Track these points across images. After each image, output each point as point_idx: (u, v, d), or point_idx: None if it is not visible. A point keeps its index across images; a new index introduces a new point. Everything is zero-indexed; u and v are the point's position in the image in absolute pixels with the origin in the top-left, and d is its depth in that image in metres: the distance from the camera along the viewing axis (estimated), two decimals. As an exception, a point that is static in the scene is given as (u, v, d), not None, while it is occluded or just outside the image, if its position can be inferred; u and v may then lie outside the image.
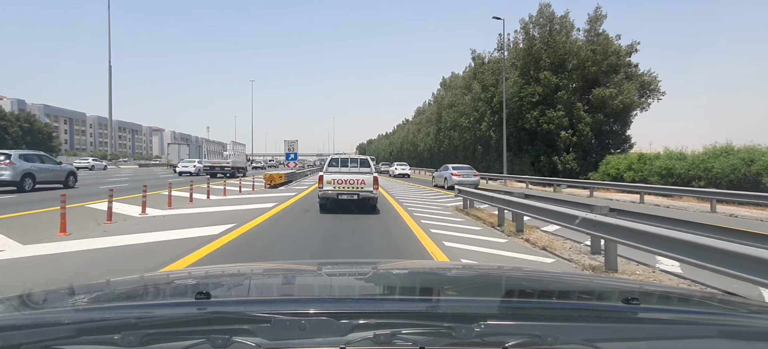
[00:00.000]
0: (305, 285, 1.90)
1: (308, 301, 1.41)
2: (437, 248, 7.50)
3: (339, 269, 2.32)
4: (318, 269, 2.20)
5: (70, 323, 1.10)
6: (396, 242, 8.16)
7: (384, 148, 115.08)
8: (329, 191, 12.13)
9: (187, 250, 6.87)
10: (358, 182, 12.15)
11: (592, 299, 1.59)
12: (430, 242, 8.06)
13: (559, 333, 1.07)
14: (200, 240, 7.69)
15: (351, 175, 12.46)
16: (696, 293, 1.72)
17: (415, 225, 10.16)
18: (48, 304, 1.39)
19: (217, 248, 7.12)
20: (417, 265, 3.49)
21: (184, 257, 6.39)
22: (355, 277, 2.05)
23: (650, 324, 1.21)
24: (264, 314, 1.07)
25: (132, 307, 1.40)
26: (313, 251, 7.24)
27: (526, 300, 1.56)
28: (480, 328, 1.06)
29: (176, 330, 1.08)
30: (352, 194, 12.06)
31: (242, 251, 7.07)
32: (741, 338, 1.18)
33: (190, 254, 6.63)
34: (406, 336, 1.03)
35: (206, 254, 6.67)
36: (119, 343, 0.99)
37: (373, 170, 13.03)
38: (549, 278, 2.21)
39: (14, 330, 1.07)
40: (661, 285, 1.87)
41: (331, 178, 12.22)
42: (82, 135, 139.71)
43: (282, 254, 7.12)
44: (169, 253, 6.67)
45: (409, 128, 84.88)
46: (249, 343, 0.98)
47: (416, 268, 2.79)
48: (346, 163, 13.63)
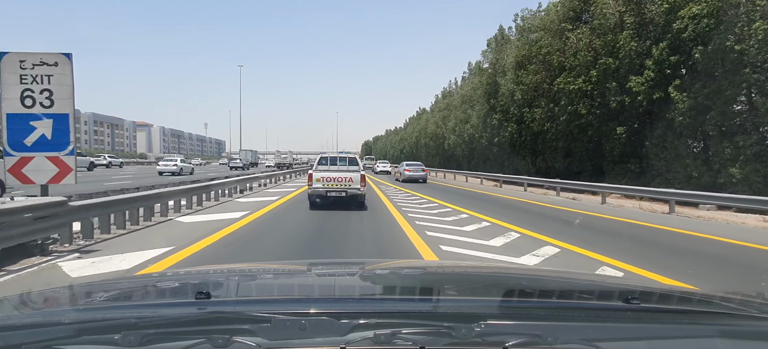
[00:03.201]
0: (305, 285, 1.90)
1: (308, 301, 1.41)
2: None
3: (339, 269, 2.32)
4: (318, 269, 2.20)
5: (70, 323, 1.10)
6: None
7: (394, 144, 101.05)
8: (319, 188, 12.53)
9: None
10: (346, 180, 12.50)
11: (593, 299, 1.59)
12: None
13: (559, 333, 1.08)
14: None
15: (340, 173, 12.82)
16: (696, 292, 1.72)
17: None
18: (48, 304, 1.39)
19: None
20: (417, 265, 3.49)
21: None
22: (355, 277, 2.05)
23: (650, 324, 1.21)
24: (264, 314, 1.07)
25: (132, 307, 1.40)
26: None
27: (526, 300, 1.56)
28: (480, 328, 1.06)
29: (176, 330, 1.08)
30: (340, 192, 12.45)
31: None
32: (741, 338, 1.18)
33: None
34: (406, 336, 1.03)
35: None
36: (119, 343, 0.99)
37: (361, 169, 13.60)
38: (549, 277, 2.21)
39: (14, 330, 1.07)
40: (661, 285, 1.87)
41: (320, 176, 12.59)
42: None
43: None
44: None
45: (429, 118, 65.81)
46: (249, 343, 0.98)
47: (416, 268, 2.79)
48: (335, 161, 14.12)
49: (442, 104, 60.17)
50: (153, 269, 5.78)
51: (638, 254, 7.42)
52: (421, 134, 69.51)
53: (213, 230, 8.82)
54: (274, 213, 12.03)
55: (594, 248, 7.72)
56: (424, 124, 68.13)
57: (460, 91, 52.63)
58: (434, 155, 58.79)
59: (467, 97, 45.86)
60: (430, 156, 59.27)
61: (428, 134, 63.45)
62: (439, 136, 56.76)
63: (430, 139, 61.90)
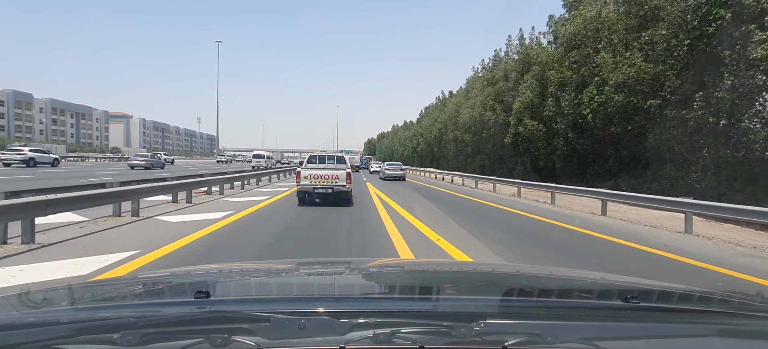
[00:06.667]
0: (305, 284, 1.90)
1: (308, 300, 1.41)
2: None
3: (338, 268, 2.32)
4: (317, 268, 2.20)
5: (69, 323, 1.10)
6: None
7: (403, 142, 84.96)
8: (306, 185, 12.93)
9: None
10: (332, 177, 12.91)
11: (592, 298, 1.59)
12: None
13: (558, 332, 1.07)
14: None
15: (327, 171, 13.31)
16: (696, 291, 1.72)
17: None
18: (47, 303, 1.38)
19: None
20: (416, 264, 3.49)
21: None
22: (354, 276, 2.05)
23: (650, 323, 1.21)
24: (263, 313, 1.07)
25: (131, 306, 1.39)
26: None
27: (526, 299, 1.56)
28: (480, 327, 1.06)
29: (176, 329, 1.08)
30: (326, 189, 12.86)
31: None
32: (740, 337, 1.18)
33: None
34: (406, 335, 1.03)
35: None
36: (118, 342, 0.99)
37: (348, 167, 14.22)
38: (548, 276, 2.21)
39: (13, 329, 1.07)
40: (660, 284, 1.87)
41: (308, 173, 13.02)
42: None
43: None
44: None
45: (461, 103, 48.48)
46: (248, 342, 0.98)
47: (416, 267, 2.79)
48: (323, 160, 14.92)
49: (476, 84, 43.20)
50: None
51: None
52: (446, 126, 52.68)
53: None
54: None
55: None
56: (453, 112, 50.82)
57: (501, 67, 38.03)
58: (473, 154, 42.14)
59: (514, 69, 34.27)
60: (464, 157, 43.70)
61: (461, 125, 45.73)
62: (472, 130, 40.41)
63: (465, 131, 43.91)
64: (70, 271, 5.54)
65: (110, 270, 5.64)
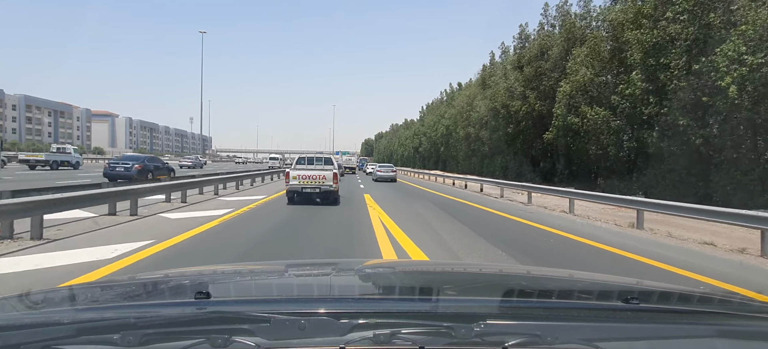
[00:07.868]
0: (305, 285, 1.90)
1: (308, 300, 1.41)
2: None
3: (338, 269, 2.32)
4: (318, 269, 2.20)
5: (69, 323, 1.10)
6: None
7: (403, 142, 79.45)
8: (295, 184, 13.48)
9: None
10: (319, 178, 13.50)
11: (592, 299, 1.59)
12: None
13: (558, 332, 1.08)
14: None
15: (315, 171, 13.96)
16: (696, 292, 1.72)
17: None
18: (47, 304, 1.39)
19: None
20: (416, 264, 3.50)
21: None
22: (354, 276, 2.05)
23: (650, 323, 1.21)
24: (263, 314, 1.07)
25: (131, 307, 1.39)
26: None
27: (526, 299, 1.56)
28: (480, 327, 1.06)
29: (176, 330, 1.08)
30: (314, 188, 13.43)
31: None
32: (740, 338, 1.18)
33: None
34: (406, 336, 1.03)
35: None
36: (119, 343, 0.99)
37: (336, 168, 14.94)
38: (548, 277, 2.22)
39: (13, 330, 1.07)
40: (660, 284, 1.88)
41: (296, 174, 13.62)
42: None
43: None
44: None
45: (475, 93, 42.20)
46: (248, 342, 0.98)
47: (416, 267, 2.79)
48: (312, 161, 15.79)
49: (515, 59, 33.21)
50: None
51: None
52: (456, 122, 46.32)
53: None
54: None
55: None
56: (465, 105, 43.83)
57: (534, 45, 30.36)
58: (491, 154, 35.82)
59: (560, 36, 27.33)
60: (479, 158, 37.82)
61: (475, 120, 39.29)
62: (510, 116, 31.12)
63: (481, 127, 37.50)
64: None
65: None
